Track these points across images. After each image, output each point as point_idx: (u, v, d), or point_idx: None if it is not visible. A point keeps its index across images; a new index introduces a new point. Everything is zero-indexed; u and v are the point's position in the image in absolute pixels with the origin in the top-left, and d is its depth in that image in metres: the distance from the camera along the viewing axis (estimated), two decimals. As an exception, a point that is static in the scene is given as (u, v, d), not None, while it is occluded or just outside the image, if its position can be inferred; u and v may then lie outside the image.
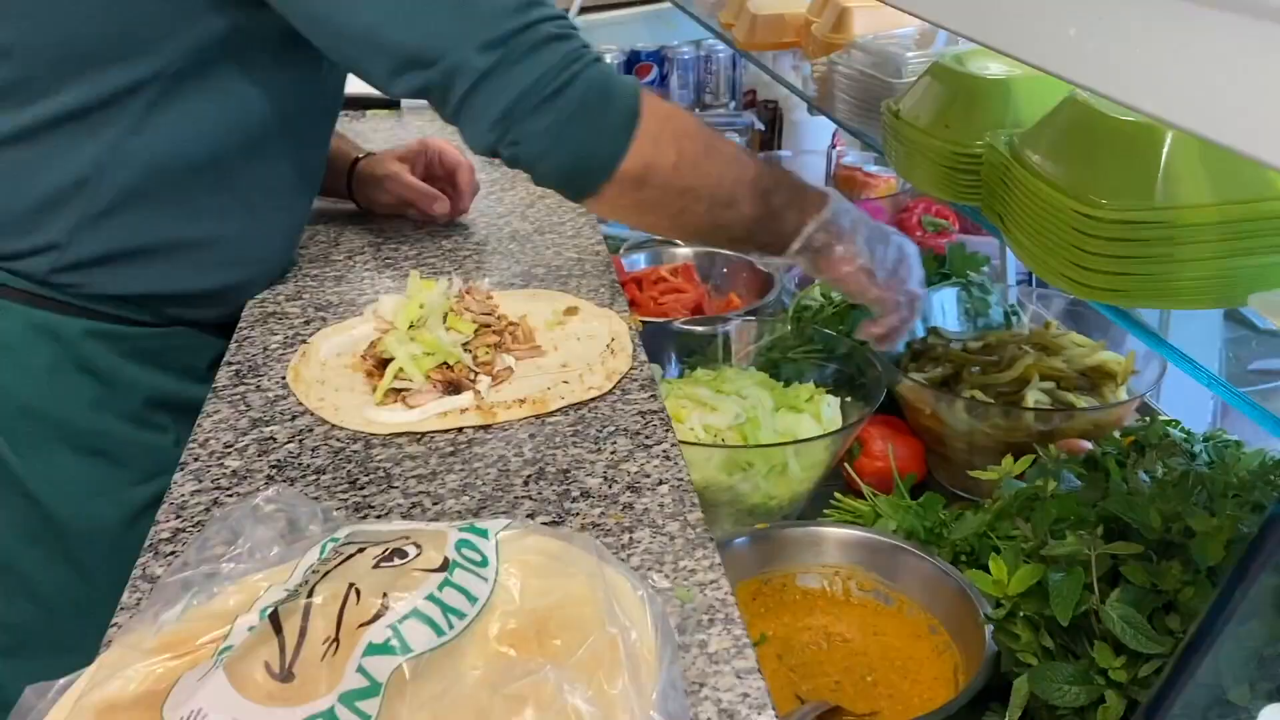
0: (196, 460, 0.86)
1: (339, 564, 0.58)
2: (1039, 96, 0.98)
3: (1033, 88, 0.98)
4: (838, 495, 1.22)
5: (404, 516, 0.78)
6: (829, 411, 1.25)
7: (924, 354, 1.39)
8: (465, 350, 0.95)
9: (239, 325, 1.09)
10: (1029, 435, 1.21)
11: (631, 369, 0.97)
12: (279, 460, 0.86)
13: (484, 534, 0.62)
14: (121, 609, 0.70)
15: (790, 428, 1.23)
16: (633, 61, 2.51)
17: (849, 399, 1.28)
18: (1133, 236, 0.77)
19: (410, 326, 0.96)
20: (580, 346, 1.01)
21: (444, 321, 0.97)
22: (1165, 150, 0.77)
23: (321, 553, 0.62)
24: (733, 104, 2.51)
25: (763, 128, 2.13)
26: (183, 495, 0.81)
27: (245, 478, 0.83)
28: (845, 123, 1.36)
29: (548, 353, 0.99)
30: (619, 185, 0.93)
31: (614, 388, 0.94)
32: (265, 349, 1.04)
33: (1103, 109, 0.83)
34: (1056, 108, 0.89)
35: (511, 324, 1.01)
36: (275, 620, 0.54)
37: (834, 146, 2.14)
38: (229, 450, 0.87)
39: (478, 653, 0.54)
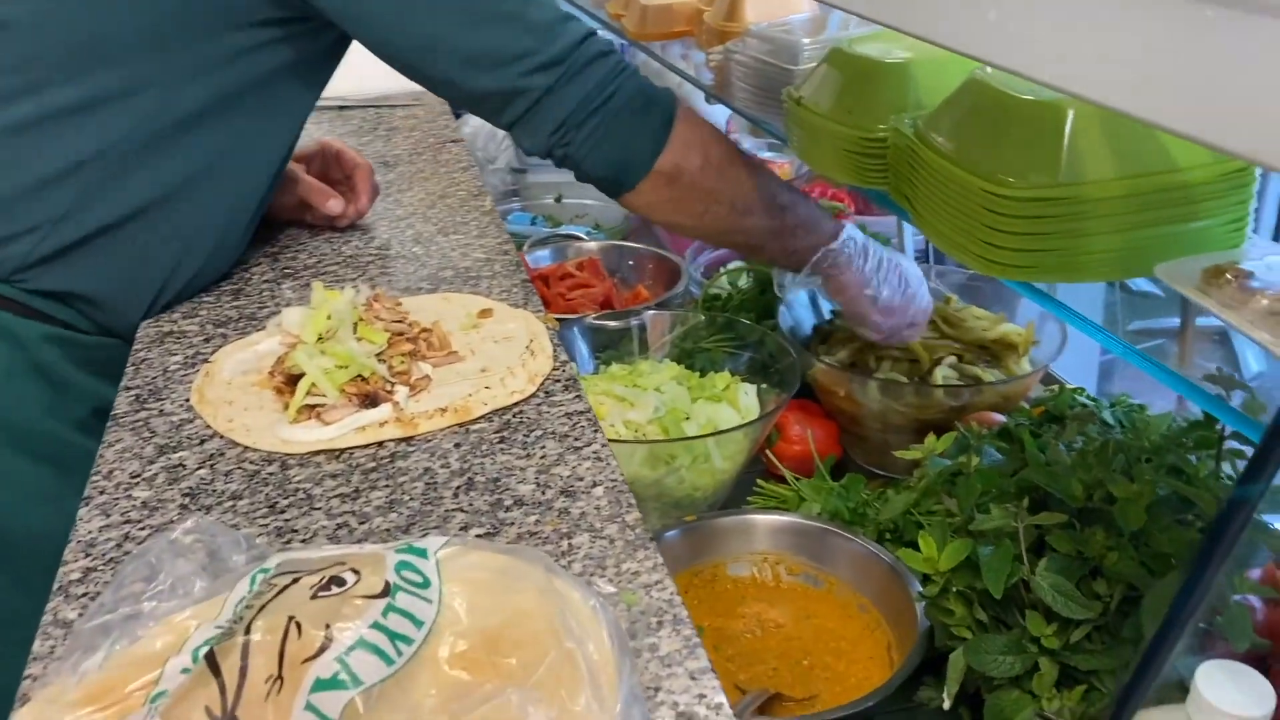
0: (102, 494, 0.81)
1: (274, 596, 0.55)
2: (939, 79, 0.99)
3: (932, 70, 1.00)
4: (760, 482, 1.22)
5: (330, 538, 0.75)
6: (746, 399, 1.26)
7: (831, 336, 1.41)
8: (379, 360, 0.92)
9: (134, 347, 1.04)
10: (942, 411, 1.23)
11: (554, 369, 0.95)
12: (191, 488, 0.82)
13: (423, 554, 0.60)
14: (34, 659, 0.66)
15: (710, 418, 1.22)
16: (521, 55, 2.48)
17: (764, 385, 1.29)
18: (1041, 214, 0.78)
19: (319, 339, 0.92)
20: (498, 349, 0.98)
21: (354, 332, 0.94)
22: (1068, 128, 0.79)
23: (251, 585, 0.59)
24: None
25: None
26: (90, 532, 0.77)
27: (157, 509, 0.79)
28: (745, 110, 1.37)
29: (465, 358, 0.97)
30: (653, 181, 1.03)
31: (537, 390, 0.92)
32: (165, 370, 0.99)
33: (1005, 89, 0.85)
34: (959, 90, 0.90)
35: (425, 330, 0.98)
36: (212, 661, 0.51)
37: (728, 134, 2.15)
38: (136, 480, 0.83)
39: (430, 679, 0.52)
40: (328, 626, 0.52)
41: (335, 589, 0.55)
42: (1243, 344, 3.44)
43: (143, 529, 0.77)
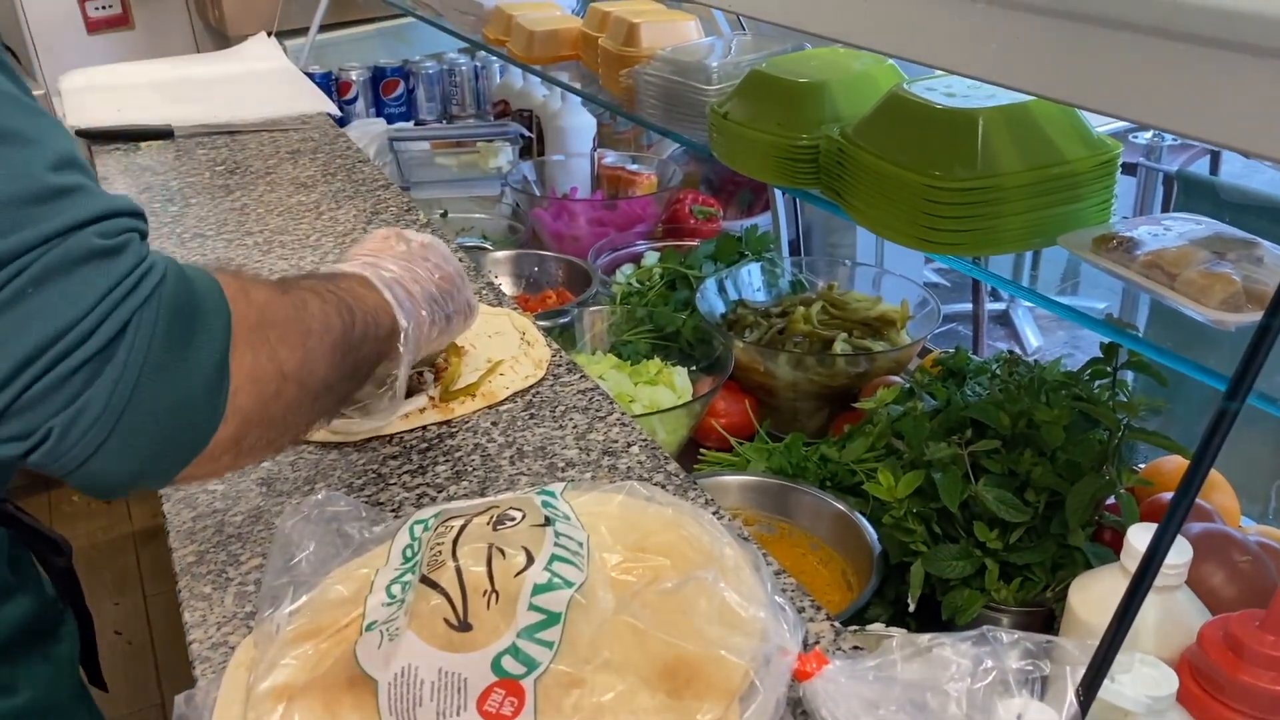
0: (177, 490, 0.88)
1: (457, 534, 0.66)
2: (852, 95, 1.18)
3: (846, 88, 1.18)
4: (703, 450, 1.38)
5: (415, 507, 0.85)
6: (681, 381, 1.41)
7: (736, 323, 1.59)
8: (405, 356, 1.01)
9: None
10: (847, 378, 1.43)
11: (553, 356, 1.07)
12: (263, 478, 0.89)
13: (553, 495, 0.72)
14: (189, 627, 0.73)
15: (652, 399, 1.37)
16: (379, 78, 2.54)
17: (692, 369, 1.45)
18: (966, 200, 0.98)
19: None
20: (495, 343, 1.10)
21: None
22: (980, 130, 0.99)
23: (412, 534, 0.70)
24: (480, 113, 2.61)
25: (530, 135, 2.26)
26: (185, 522, 0.84)
27: (239, 498, 0.87)
28: (655, 124, 1.52)
29: (468, 352, 1.08)
30: (216, 449, 0.67)
31: (545, 374, 1.04)
32: (180, 382, 1.04)
33: (924, 101, 1.04)
34: (883, 103, 1.09)
35: (427, 330, 1.08)
36: (431, 583, 0.62)
37: (595, 149, 2.30)
38: (205, 477, 0.89)
39: (604, 584, 0.65)
40: (524, 548, 0.63)
41: (509, 523, 0.67)
42: (1022, 321, 3.91)
43: (235, 515, 0.85)
